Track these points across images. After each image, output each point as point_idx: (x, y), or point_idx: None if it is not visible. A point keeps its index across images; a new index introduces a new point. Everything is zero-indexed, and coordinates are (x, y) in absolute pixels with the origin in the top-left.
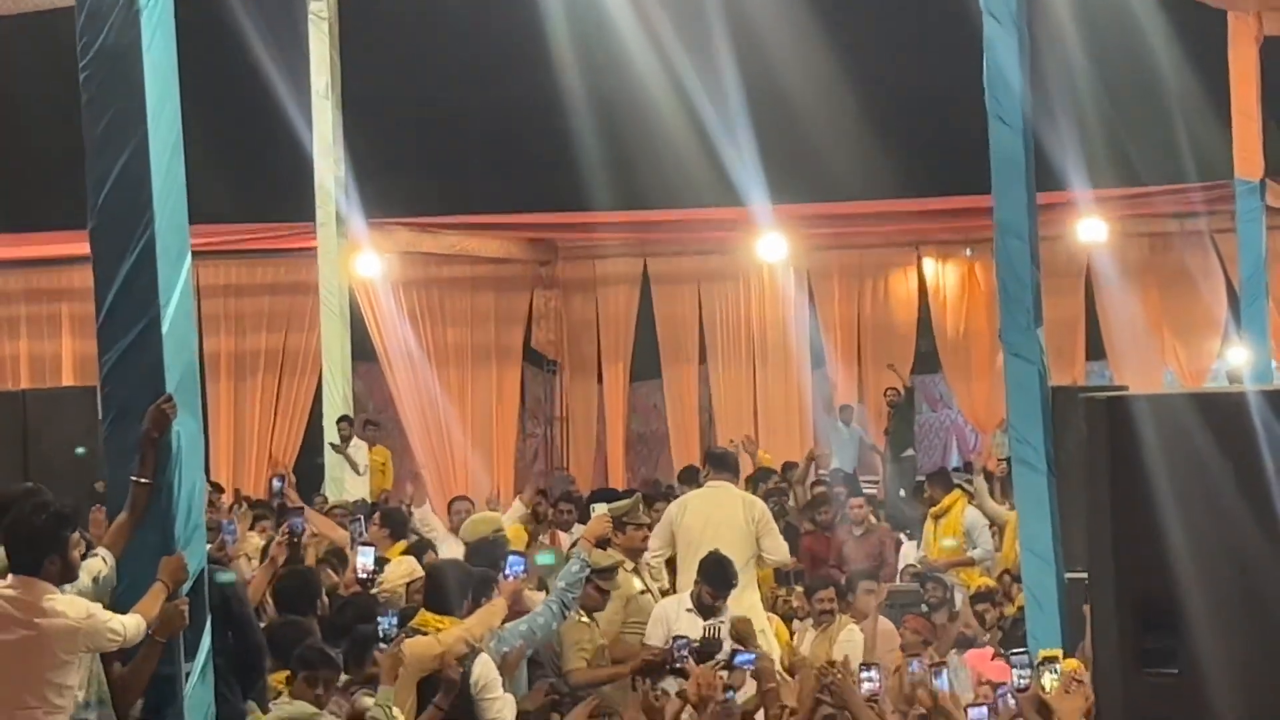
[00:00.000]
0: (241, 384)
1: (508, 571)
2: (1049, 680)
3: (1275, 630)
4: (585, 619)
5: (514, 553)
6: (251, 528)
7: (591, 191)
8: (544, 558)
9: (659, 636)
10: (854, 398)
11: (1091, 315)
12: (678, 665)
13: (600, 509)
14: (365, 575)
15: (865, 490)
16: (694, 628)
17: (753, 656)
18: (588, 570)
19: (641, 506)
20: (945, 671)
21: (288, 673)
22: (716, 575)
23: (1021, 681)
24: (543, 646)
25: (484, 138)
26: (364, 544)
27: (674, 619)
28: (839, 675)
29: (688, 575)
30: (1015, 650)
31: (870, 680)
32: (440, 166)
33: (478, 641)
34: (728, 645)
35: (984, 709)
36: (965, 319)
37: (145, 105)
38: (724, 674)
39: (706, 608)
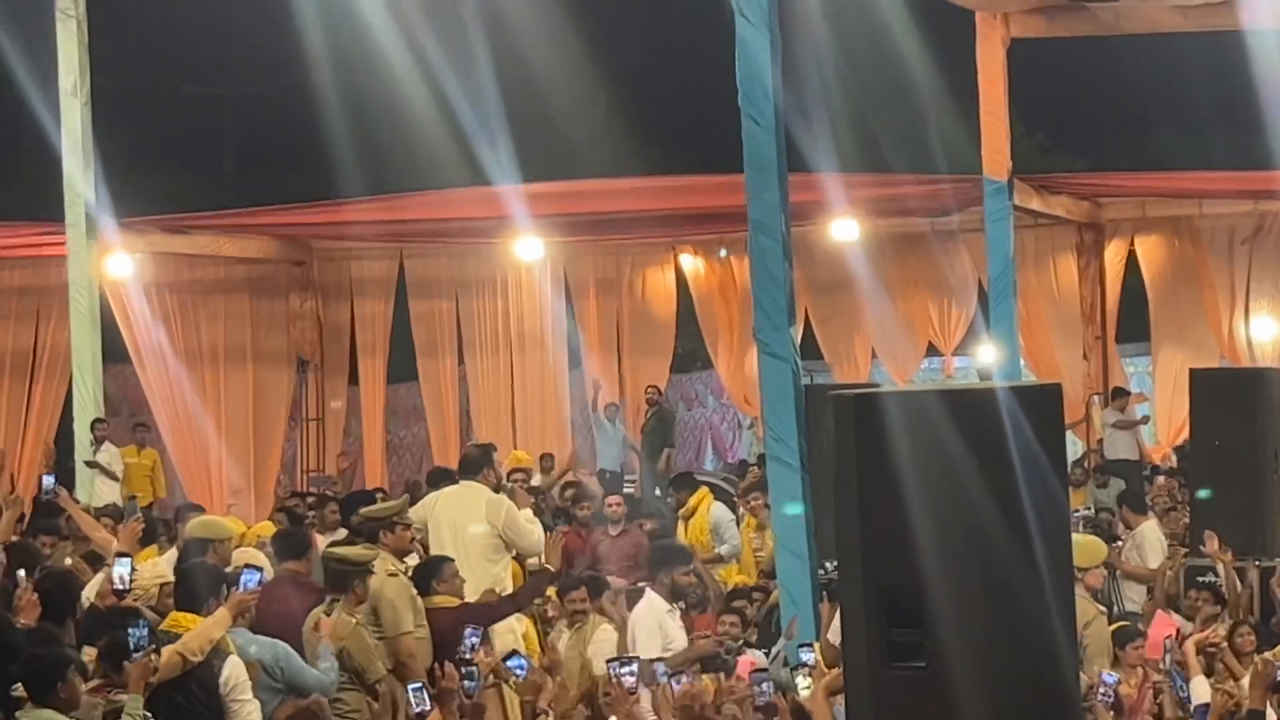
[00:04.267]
0: None
1: (243, 583)
2: (801, 684)
3: (1018, 622)
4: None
5: (250, 566)
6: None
7: (346, 189)
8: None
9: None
10: (614, 396)
11: None
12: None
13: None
14: (122, 587)
15: (627, 490)
16: None
17: (524, 663)
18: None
19: (408, 508)
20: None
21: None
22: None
23: (763, 699)
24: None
25: (236, 136)
26: (121, 554)
27: None
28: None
29: None
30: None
31: (630, 674)
32: (192, 165)
33: (195, 656)
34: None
35: None
36: (728, 315)
37: None
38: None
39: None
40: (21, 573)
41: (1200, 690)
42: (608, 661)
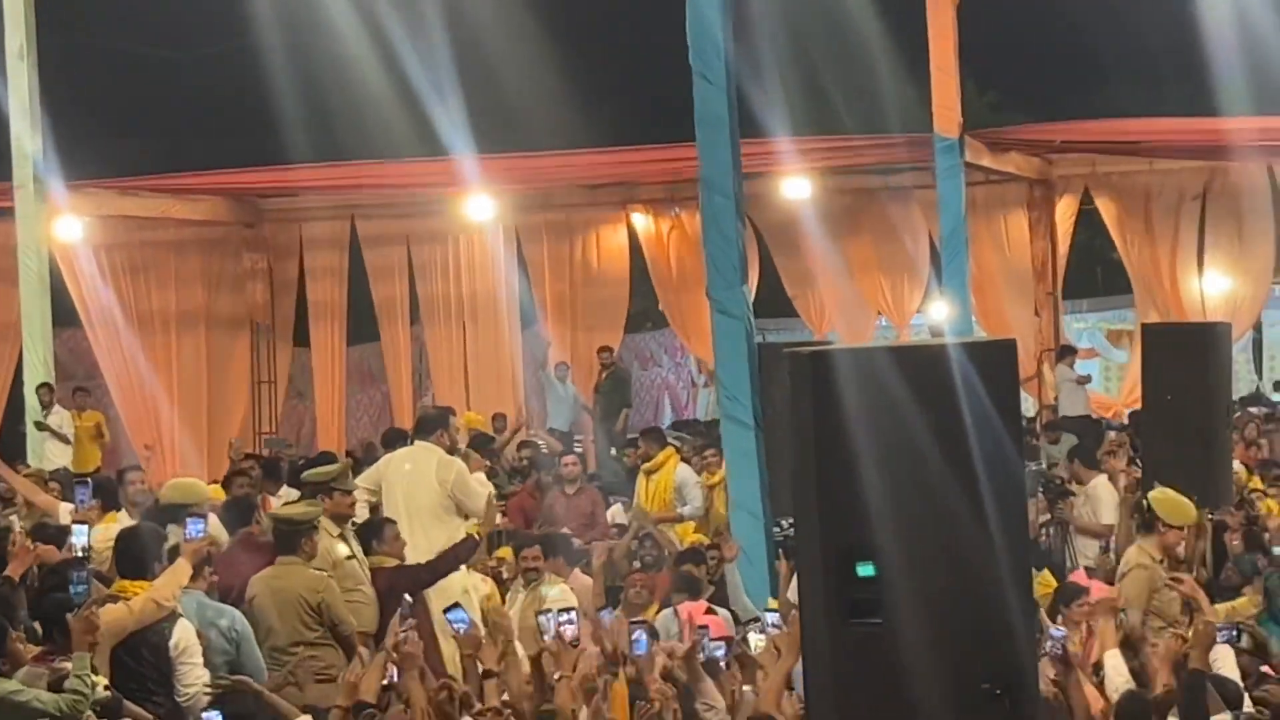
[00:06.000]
0: None
1: (188, 533)
2: (754, 640)
3: (972, 577)
4: None
5: (193, 514)
6: None
7: (295, 149)
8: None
9: None
10: (567, 355)
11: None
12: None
13: None
14: (83, 555)
15: (576, 449)
16: None
17: (465, 616)
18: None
19: (350, 473)
20: (643, 632)
21: None
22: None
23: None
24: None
25: (186, 97)
26: (78, 522)
27: None
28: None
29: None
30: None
31: (570, 623)
32: (142, 127)
33: (167, 602)
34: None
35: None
36: (684, 272)
37: None
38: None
39: None
40: (15, 518)
41: (1111, 664)
42: (538, 614)
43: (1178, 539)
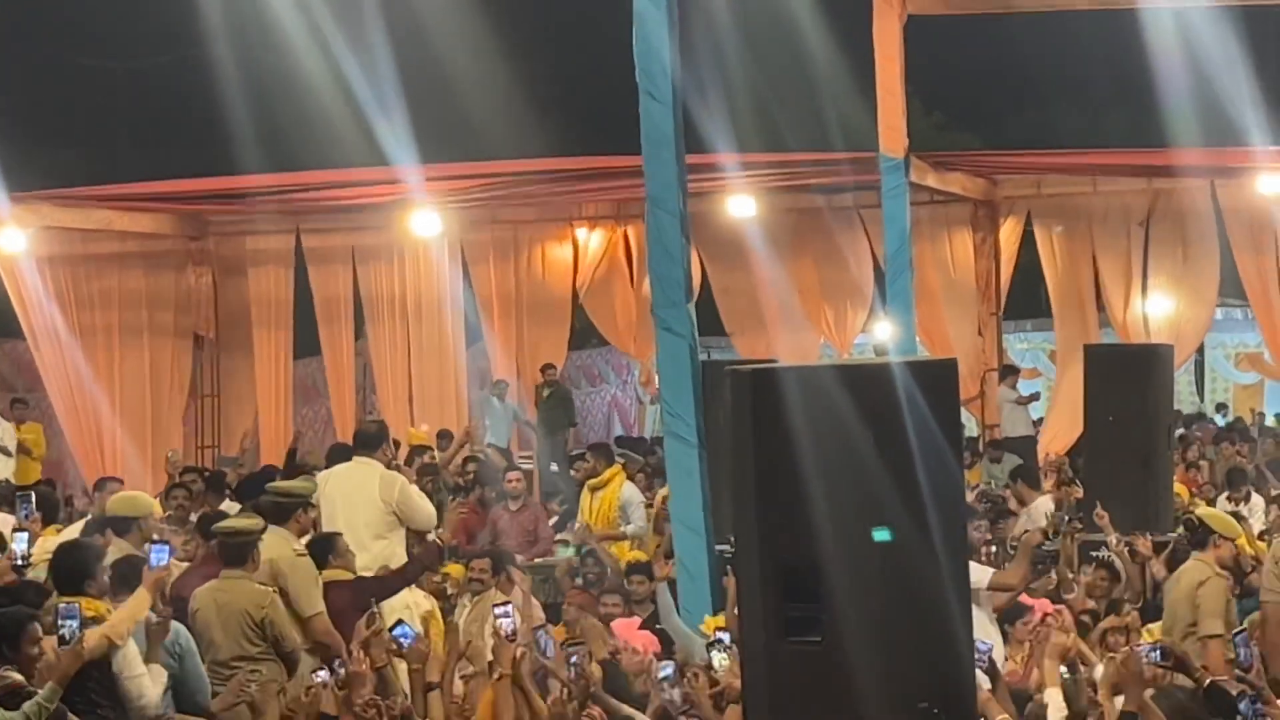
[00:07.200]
0: None
1: (152, 562)
2: (718, 659)
3: (913, 596)
4: None
5: (157, 541)
6: None
7: (241, 165)
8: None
9: None
10: (511, 371)
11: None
12: None
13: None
14: (21, 563)
15: (521, 465)
16: None
17: (409, 631)
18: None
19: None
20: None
21: None
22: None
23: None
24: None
25: (131, 110)
26: (18, 530)
27: None
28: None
29: None
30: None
31: (506, 616)
32: (86, 139)
33: (122, 639)
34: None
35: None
36: (626, 288)
37: None
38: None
39: None
40: None
41: (1054, 703)
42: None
43: (1231, 551)
